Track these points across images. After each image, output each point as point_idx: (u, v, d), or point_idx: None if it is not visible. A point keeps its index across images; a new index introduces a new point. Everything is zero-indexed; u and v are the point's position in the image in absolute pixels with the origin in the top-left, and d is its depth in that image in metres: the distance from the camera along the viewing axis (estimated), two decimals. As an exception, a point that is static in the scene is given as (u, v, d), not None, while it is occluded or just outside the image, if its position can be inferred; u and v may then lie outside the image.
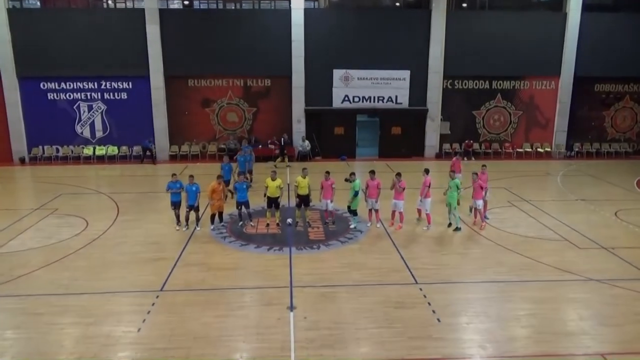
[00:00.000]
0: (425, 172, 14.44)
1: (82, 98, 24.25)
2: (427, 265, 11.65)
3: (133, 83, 24.20)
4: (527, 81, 25.67)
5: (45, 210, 16.06)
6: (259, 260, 11.93)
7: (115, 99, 24.35)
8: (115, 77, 24.05)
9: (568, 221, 14.86)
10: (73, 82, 24.00)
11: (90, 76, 23.91)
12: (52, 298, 9.94)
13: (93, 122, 24.53)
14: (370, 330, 8.73)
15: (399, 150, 25.18)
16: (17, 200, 18.32)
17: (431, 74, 24.81)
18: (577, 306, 9.73)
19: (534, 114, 26.10)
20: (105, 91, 24.26)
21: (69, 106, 24.24)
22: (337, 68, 24.58)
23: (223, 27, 23.79)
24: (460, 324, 9.04)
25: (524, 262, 11.87)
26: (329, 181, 14.21)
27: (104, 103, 24.36)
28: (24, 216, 15.35)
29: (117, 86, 24.24)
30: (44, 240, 13.25)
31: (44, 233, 13.87)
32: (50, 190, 18.64)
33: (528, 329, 8.87)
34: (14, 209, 16.17)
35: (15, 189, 20.16)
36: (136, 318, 9.11)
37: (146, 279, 10.86)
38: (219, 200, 13.95)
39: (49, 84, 23.95)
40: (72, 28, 23.28)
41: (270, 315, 9.19)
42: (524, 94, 25.84)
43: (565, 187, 19.53)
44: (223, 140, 25.08)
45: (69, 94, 24.15)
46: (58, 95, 24.09)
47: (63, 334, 8.66)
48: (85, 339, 8.48)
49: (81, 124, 24.50)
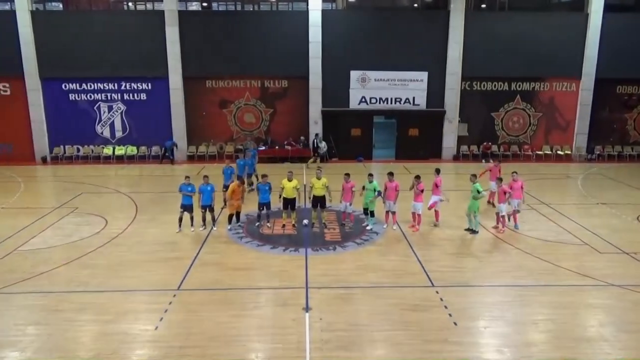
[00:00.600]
0: (436, 172, 14.48)
1: (103, 99, 24.63)
2: (443, 268, 11.57)
3: (152, 84, 24.50)
4: (547, 83, 25.33)
5: (66, 208, 16.34)
6: (275, 261, 11.96)
7: (134, 100, 24.68)
8: (134, 78, 24.38)
9: (588, 225, 14.62)
10: (94, 83, 24.39)
11: (111, 77, 24.29)
12: (72, 295, 10.11)
13: (113, 122, 24.89)
14: (386, 333, 8.70)
15: (416, 152, 25.05)
16: (39, 198, 18.66)
17: (449, 76, 24.64)
18: (597, 312, 9.56)
19: (554, 116, 25.74)
20: (125, 92, 24.61)
21: (89, 107, 24.65)
22: (354, 69, 24.55)
23: (241, 28, 23.95)
24: (477, 328, 8.95)
25: (542, 266, 11.70)
26: (349, 184, 14.20)
27: (124, 104, 24.71)
28: (46, 214, 15.64)
29: (136, 87, 24.57)
30: (64, 238, 13.49)
31: (64, 231, 14.11)
32: (70, 189, 18.97)
33: (546, 334, 8.75)
34: (36, 208, 16.48)
35: (37, 187, 20.55)
36: (153, 316, 9.22)
37: (163, 278, 10.97)
38: (237, 201, 14.05)
39: (70, 85, 24.37)
40: (93, 30, 23.66)
41: (286, 316, 9.21)
42: (544, 96, 25.50)
43: (585, 190, 19.22)
44: (240, 141, 25.23)
45: (90, 95, 24.54)
46: (79, 96, 24.51)
47: (82, 330, 8.80)
48: (103, 336, 8.60)
49: (101, 124, 24.89)
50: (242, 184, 14.39)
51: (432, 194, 14.34)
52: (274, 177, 14.44)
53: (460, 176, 20.83)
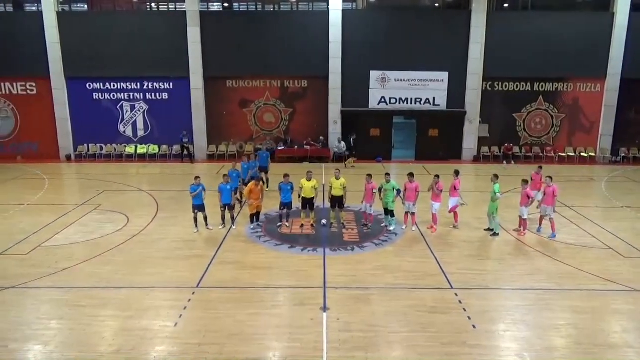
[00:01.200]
0: (455, 174, 14.33)
1: (125, 98, 24.99)
2: (463, 270, 11.45)
3: (174, 84, 24.75)
4: (570, 83, 24.85)
5: (89, 206, 16.62)
6: (293, 261, 11.99)
7: (156, 100, 24.98)
8: (156, 78, 24.67)
9: (612, 229, 14.31)
10: (117, 82, 24.76)
11: (133, 77, 24.62)
12: (93, 291, 10.28)
13: (135, 121, 25.24)
14: (403, 334, 8.64)
15: (436, 153, 24.82)
16: (63, 196, 19.03)
17: (470, 76, 24.37)
18: (621, 317, 9.35)
19: (578, 117, 25.24)
20: (147, 92, 24.93)
21: (112, 106, 25.04)
22: (374, 69, 24.44)
23: (261, 28, 24.06)
24: (496, 332, 8.83)
25: (564, 270, 11.50)
26: (371, 185, 14.13)
27: (146, 103, 25.03)
28: (69, 211, 15.94)
29: (158, 87, 24.87)
30: (87, 235, 13.72)
31: (87, 228, 14.36)
32: (94, 187, 19.29)
33: (567, 339, 8.59)
34: (60, 205, 16.80)
35: (61, 185, 20.96)
36: (173, 313, 9.32)
37: (183, 275, 11.08)
38: (257, 200, 14.12)
39: (94, 85, 24.79)
40: (117, 30, 24.03)
41: (303, 315, 9.23)
42: (568, 97, 25.03)
43: (609, 193, 18.81)
44: (260, 141, 25.35)
45: (113, 94, 24.93)
46: (103, 95, 24.91)
47: (103, 326, 8.94)
48: (124, 331, 8.73)
49: (124, 123, 25.26)
50: (259, 182, 14.40)
51: (450, 196, 14.18)
52: (293, 177, 14.46)
53: (481, 178, 20.58)
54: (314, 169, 17.14)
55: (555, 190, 13.62)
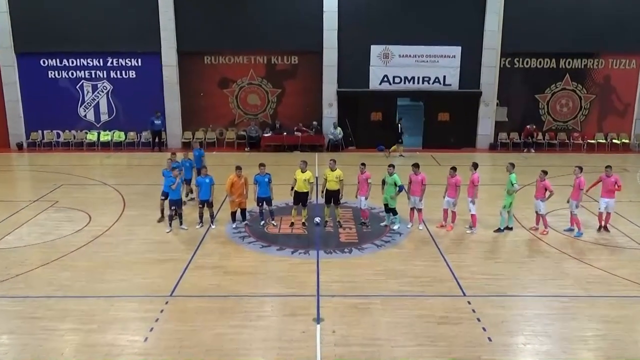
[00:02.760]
0: (473, 168, 14.11)
1: (86, 77, 24.82)
2: (477, 274, 11.52)
3: (142, 60, 24.64)
4: (601, 59, 24.95)
5: (45, 202, 16.53)
6: (281, 265, 12.02)
7: (122, 78, 24.85)
8: (122, 53, 24.52)
9: (648, 227, 14.47)
10: (76, 58, 24.59)
11: (95, 52, 24.44)
12: (51, 301, 10.25)
13: (98, 104, 25.10)
14: (409, 349, 8.70)
15: (447, 140, 24.90)
16: (14, 190, 18.95)
17: (486, 51, 24.41)
18: (657, 328, 9.48)
19: (610, 99, 25.39)
20: (112, 69, 24.78)
21: (71, 86, 24.87)
22: (375, 44, 24.43)
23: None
24: (515, 345, 8.92)
25: (592, 273, 11.61)
26: (364, 174, 14.15)
27: (110, 82, 24.88)
28: (21, 209, 15.85)
29: (124, 63, 24.73)
30: (42, 236, 13.66)
31: (42, 228, 14.29)
32: (50, 180, 19.17)
33: (596, 352, 8.69)
34: (11, 201, 16.71)
35: (12, 178, 20.86)
36: (143, 326, 9.32)
37: (154, 282, 11.07)
38: (239, 196, 14.09)
39: (49, 61, 24.60)
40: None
41: (294, 328, 9.26)
42: (598, 75, 25.15)
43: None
44: (243, 126, 25.30)
45: (72, 72, 24.74)
46: (60, 73, 24.73)
47: (62, 341, 8.92)
48: (86, 347, 8.72)
49: (84, 105, 25.11)
50: (240, 172, 14.09)
51: (468, 195, 14.01)
52: (281, 168, 14.47)
53: (498, 168, 20.64)
54: (306, 158, 17.13)
55: (582, 183, 13.66)
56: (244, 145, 24.94)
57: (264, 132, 24.82)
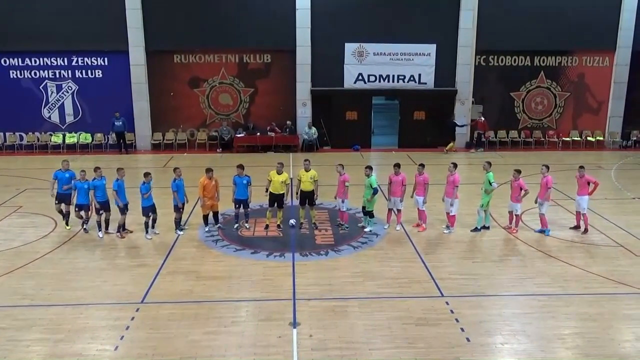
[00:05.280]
0: (453, 168, 14.08)
1: (50, 76, 24.44)
2: (455, 275, 11.65)
3: (109, 59, 24.36)
4: (575, 57, 25.49)
5: (8, 207, 16.25)
6: (256, 268, 11.98)
7: (88, 78, 24.53)
8: (88, 52, 24.21)
9: (623, 223, 14.78)
10: (39, 57, 24.20)
11: (60, 51, 24.10)
12: (15, 310, 10.06)
13: (63, 104, 24.74)
14: (387, 351, 8.76)
15: (423, 139, 25.11)
16: (-25, 196, 18.52)
17: (461, 49, 24.73)
18: (633, 324, 9.68)
19: (584, 96, 25.94)
20: (77, 68, 24.44)
21: (34, 86, 24.46)
22: (349, 41, 24.54)
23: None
24: (494, 344, 9.04)
25: (569, 271, 11.83)
26: (342, 177, 14.18)
27: (75, 82, 24.55)
28: (-17, 215, 15.55)
29: (90, 63, 24.40)
30: (5, 243, 13.41)
31: (5, 235, 14.04)
32: (13, 184, 18.85)
33: (574, 351, 8.86)
34: (-29, 207, 16.37)
35: (-28, 183, 20.37)
36: (113, 334, 9.21)
37: (124, 289, 10.96)
38: (211, 199, 13.99)
39: (11, 60, 24.15)
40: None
41: (270, 333, 9.25)
42: (572, 72, 25.67)
43: (620, 182, 19.41)
44: (215, 127, 25.17)
45: (35, 72, 24.35)
46: (22, 73, 24.31)
47: (29, 351, 8.77)
48: (54, 357, 8.58)
49: (49, 107, 24.72)
50: (211, 174, 13.96)
51: (446, 195, 14.08)
52: (256, 169, 14.43)
53: (475, 167, 20.91)
54: (280, 159, 17.11)
55: (549, 182, 13.87)
56: (215, 146, 24.84)
57: (237, 132, 24.73)
